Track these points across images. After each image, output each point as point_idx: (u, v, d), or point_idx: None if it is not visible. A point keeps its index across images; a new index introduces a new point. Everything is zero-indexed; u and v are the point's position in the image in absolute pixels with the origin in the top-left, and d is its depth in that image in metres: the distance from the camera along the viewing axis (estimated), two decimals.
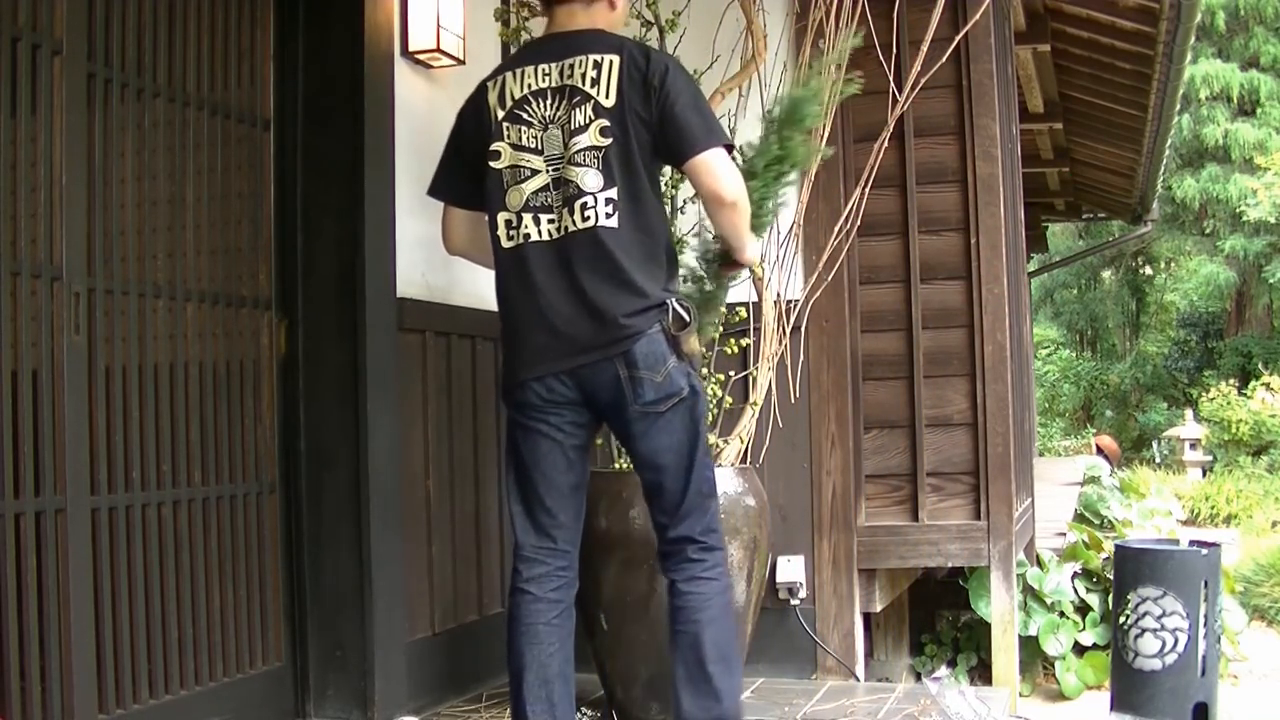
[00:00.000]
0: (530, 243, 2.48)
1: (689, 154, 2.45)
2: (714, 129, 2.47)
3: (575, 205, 2.44)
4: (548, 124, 2.48)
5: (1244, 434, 13.76)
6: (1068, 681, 4.27)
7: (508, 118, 2.51)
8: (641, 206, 2.47)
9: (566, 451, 2.54)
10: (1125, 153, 8.13)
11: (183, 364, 2.83)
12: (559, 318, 2.46)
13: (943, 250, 3.92)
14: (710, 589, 2.51)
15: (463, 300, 3.68)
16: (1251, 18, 16.55)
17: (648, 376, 2.43)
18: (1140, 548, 3.78)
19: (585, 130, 2.44)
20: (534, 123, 2.49)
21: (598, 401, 2.49)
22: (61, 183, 2.47)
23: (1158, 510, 7.40)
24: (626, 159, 2.44)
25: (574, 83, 2.46)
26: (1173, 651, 3.47)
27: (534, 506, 2.56)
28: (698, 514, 2.52)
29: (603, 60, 2.45)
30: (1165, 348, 19.66)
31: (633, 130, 2.44)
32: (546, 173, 2.48)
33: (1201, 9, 6.37)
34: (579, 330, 2.45)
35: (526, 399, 2.51)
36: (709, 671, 2.46)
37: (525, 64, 2.53)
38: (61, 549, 2.43)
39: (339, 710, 3.10)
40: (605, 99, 2.43)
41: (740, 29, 3.53)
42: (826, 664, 3.73)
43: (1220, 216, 17.08)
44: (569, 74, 2.47)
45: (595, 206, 2.43)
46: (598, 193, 2.43)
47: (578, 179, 2.44)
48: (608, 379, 2.45)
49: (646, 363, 2.43)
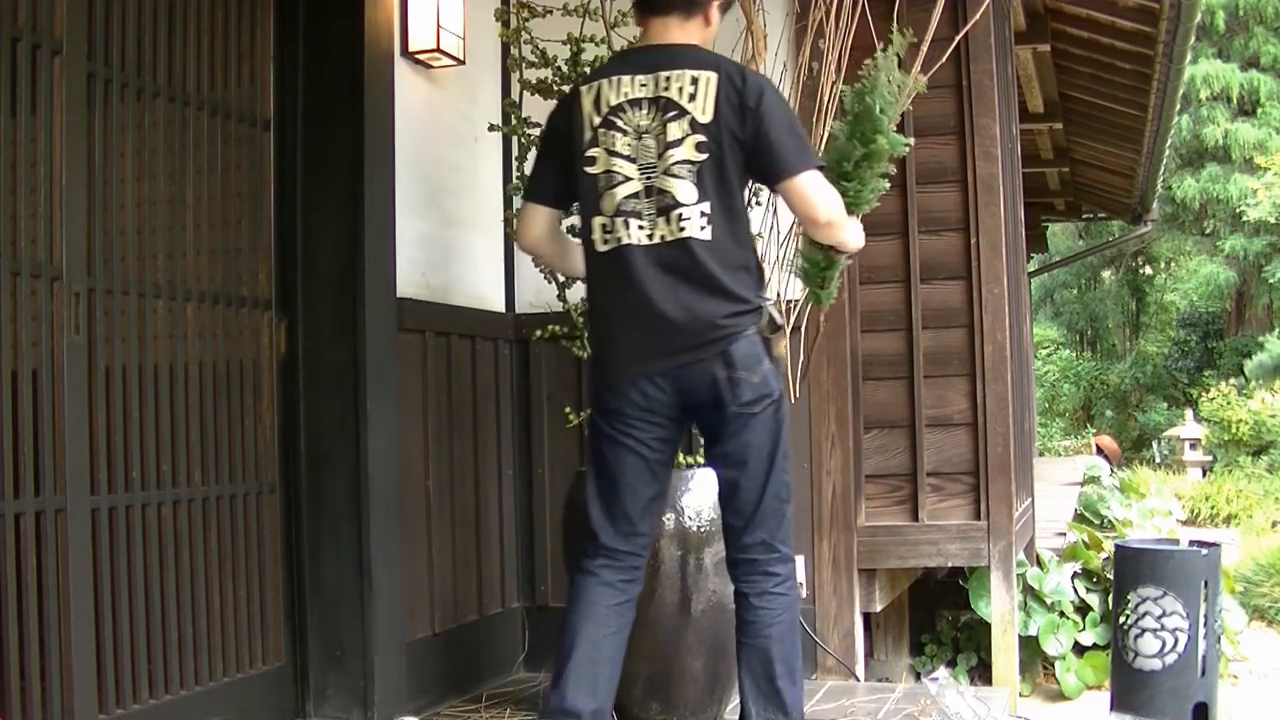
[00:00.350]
0: (625, 246, 2.53)
1: (782, 177, 2.52)
2: (807, 152, 2.55)
3: (670, 215, 2.50)
4: (641, 133, 2.54)
5: (1244, 434, 13.76)
6: (1068, 681, 4.27)
7: (603, 124, 2.57)
8: (734, 219, 2.53)
9: (653, 466, 2.59)
10: (1125, 153, 8.13)
11: (183, 364, 2.83)
12: (657, 319, 2.50)
13: (943, 250, 3.92)
14: (780, 604, 2.56)
15: (463, 300, 3.68)
16: (1251, 18, 16.56)
17: (745, 377, 2.49)
18: (1140, 548, 3.78)
19: (681, 144, 2.50)
20: (628, 130, 2.55)
21: (692, 403, 2.54)
22: (61, 183, 2.47)
23: (1158, 510, 7.40)
24: (720, 174, 2.51)
25: (671, 96, 2.52)
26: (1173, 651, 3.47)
27: (615, 514, 2.61)
28: (774, 519, 2.57)
29: (700, 77, 2.51)
30: (1165, 348, 19.66)
31: (728, 148, 2.50)
32: (639, 180, 2.53)
33: (1201, 9, 6.37)
34: (677, 332, 2.49)
35: (619, 406, 2.55)
36: (777, 686, 2.53)
37: (621, 73, 2.58)
38: (61, 549, 2.43)
39: (339, 710, 3.10)
40: (702, 115, 2.50)
41: (740, 29, 3.52)
42: (826, 664, 3.73)
43: (1220, 216, 17.09)
44: (665, 86, 2.53)
45: (690, 218, 2.49)
46: (692, 205, 2.50)
47: (673, 190, 2.50)
48: (705, 380, 2.50)
49: (745, 363, 2.49)
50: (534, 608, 3.93)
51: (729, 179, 2.51)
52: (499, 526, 3.84)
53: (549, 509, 3.90)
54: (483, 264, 3.83)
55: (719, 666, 3.12)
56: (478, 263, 3.80)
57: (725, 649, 3.11)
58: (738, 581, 2.59)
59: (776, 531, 2.57)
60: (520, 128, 3.32)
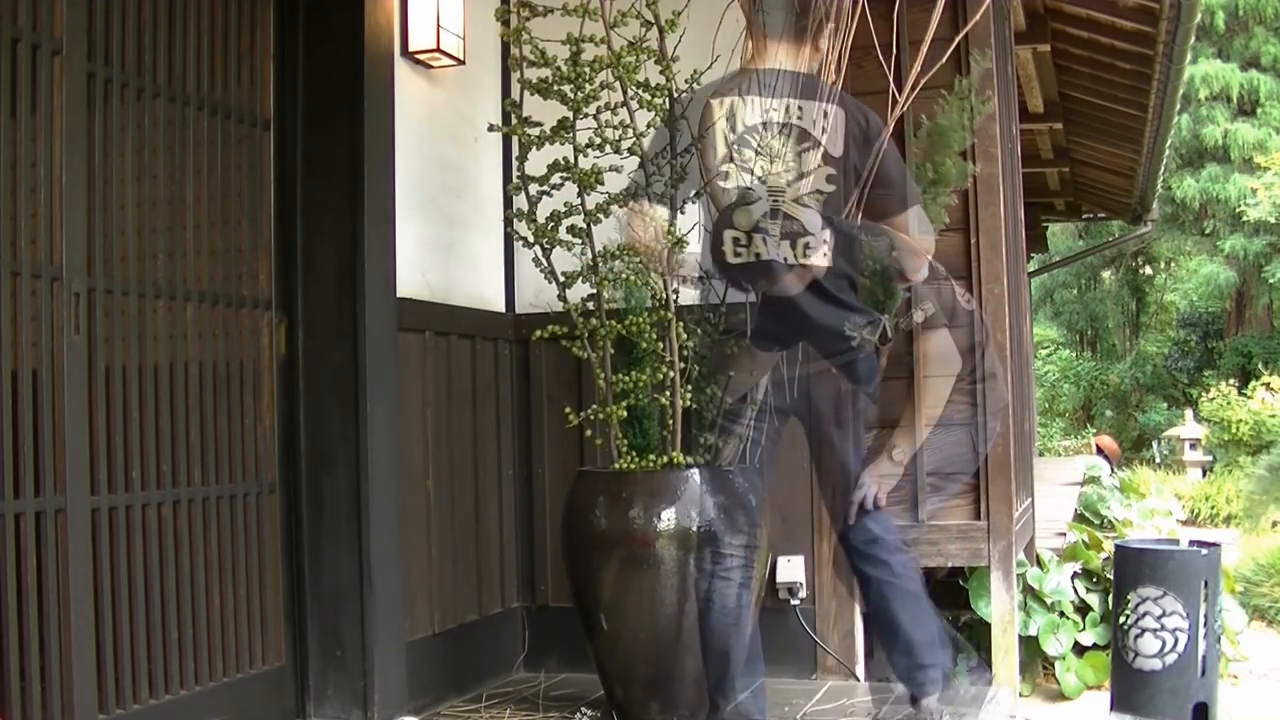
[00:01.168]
0: (762, 261, 2.68)
1: (899, 210, 2.74)
2: (914, 190, 2.77)
3: (796, 241, 2.65)
4: (773, 157, 2.68)
5: (1244, 434, 13.75)
6: (1068, 681, 4.26)
7: (738, 141, 2.69)
8: (851, 245, 2.72)
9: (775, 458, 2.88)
10: (1125, 153, 8.13)
11: (183, 364, 2.83)
12: (787, 331, 2.74)
13: (942, 250, 3.89)
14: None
15: (463, 300, 3.68)
16: (1251, 18, 16.55)
17: (865, 390, 2.76)
18: (1140, 548, 3.78)
19: (812, 175, 2.65)
20: (761, 153, 2.68)
21: (815, 410, 2.76)
22: (61, 183, 2.47)
23: (1158, 510, 7.40)
24: (841, 205, 2.69)
25: (805, 127, 2.66)
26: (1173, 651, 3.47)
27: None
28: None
29: (830, 110, 2.67)
30: (1165, 348, 19.66)
31: (850, 180, 2.67)
32: (766, 200, 2.66)
33: (1201, 9, 6.38)
34: (805, 344, 2.74)
35: (742, 409, 2.80)
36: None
37: (751, 92, 2.71)
38: (61, 549, 2.43)
39: (339, 710, 3.11)
40: (834, 149, 2.65)
41: (740, 29, 3.52)
42: (826, 664, 3.73)
43: (1220, 216, 17.08)
44: (799, 116, 2.66)
45: (815, 246, 2.65)
46: (817, 232, 2.64)
47: (800, 217, 2.64)
48: (831, 390, 2.75)
49: (867, 378, 2.75)
50: (534, 608, 3.93)
51: (848, 208, 2.71)
52: (499, 526, 3.85)
53: (549, 509, 3.90)
54: (483, 264, 3.83)
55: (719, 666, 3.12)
56: (478, 263, 3.80)
57: (726, 649, 3.11)
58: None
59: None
60: (520, 127, 3.32)
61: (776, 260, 2.66)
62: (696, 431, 3.26)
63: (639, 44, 3.24)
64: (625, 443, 3.21)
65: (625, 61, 3.19)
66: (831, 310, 2.70)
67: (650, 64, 3.27)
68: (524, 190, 3.31)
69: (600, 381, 3.25)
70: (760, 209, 2.66)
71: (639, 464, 3.17)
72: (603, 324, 3.25)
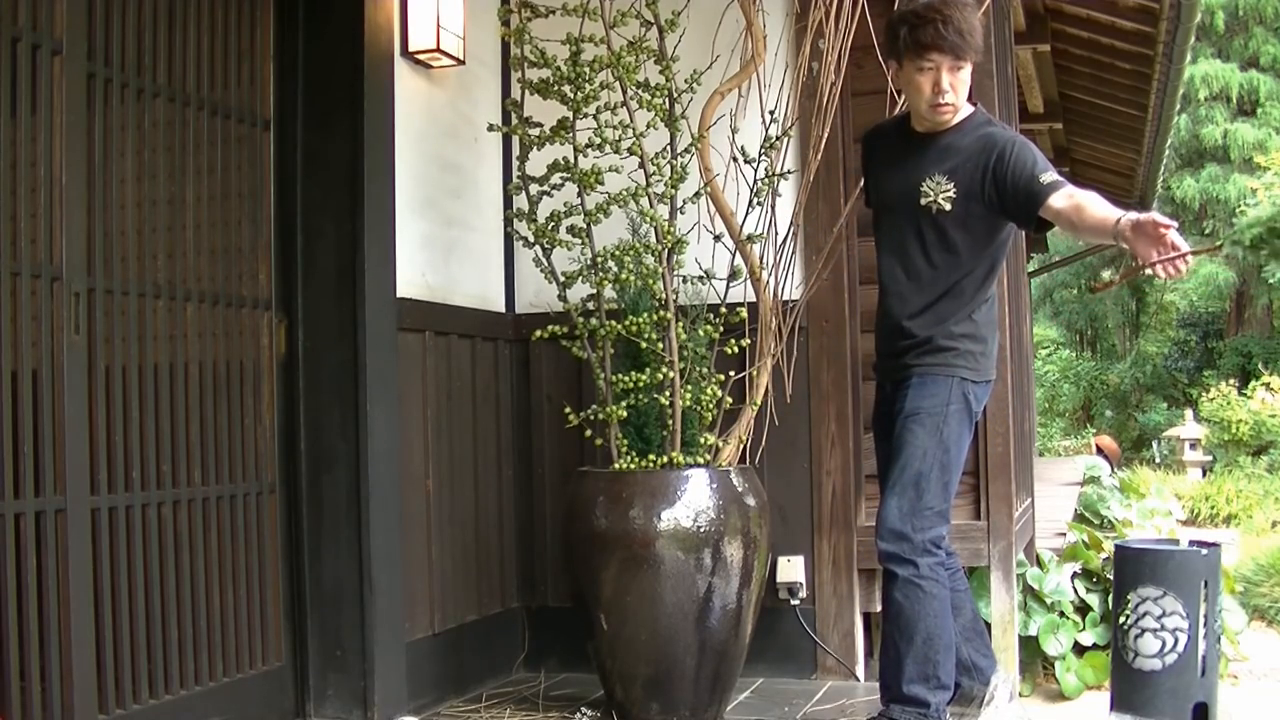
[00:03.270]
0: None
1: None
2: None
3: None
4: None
5: (1244, 434, 13.75)
6: (1068, 681, 4.26)
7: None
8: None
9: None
10: (1125, 153, 8.13)
11: (183, 364, 2.83)
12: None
13: None
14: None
15: (463, 300, 3.68)
16: (1251, 18, 16.57)
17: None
18: (1140, 548, 3.77)
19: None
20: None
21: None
22: (61, 183, 2.47)
23: (1158, 510, 7.39)
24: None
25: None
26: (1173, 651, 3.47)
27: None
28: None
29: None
30: (1165, 348, 19.65)
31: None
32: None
33: (1201, 9, 6.37)
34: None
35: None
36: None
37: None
38: (61, 549, 2.43)
39: (339, 710, 3.11)
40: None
41: (740, 29, 3.52)
42: (826, 664, 3.73)
43: (1220, 216, 17.08)
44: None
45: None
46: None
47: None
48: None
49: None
50: (534, 608, 3.93)
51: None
52: (499, 526, 3.85)
53: (549, 509, 3.90)
54: (483, 264, 3.83)
55: (719, 666, 3.12)
56: (477, 263, 3.80)
57: (725, 649, 3.11)
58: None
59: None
60: (521, 127, 3.32)
61: None
62: (696, 431, 3.26)
63: (639, 44, 3.24)
64: (625, 443, 3.22)
65: (625, 61, 3.19)
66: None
67: (650, 64, 3.28)
68: (524, 190, 3.31)
69: (600, 381, 3.25)
70: None
71: (639, 464, 3.17)
72: (603, 324, 3.25)
